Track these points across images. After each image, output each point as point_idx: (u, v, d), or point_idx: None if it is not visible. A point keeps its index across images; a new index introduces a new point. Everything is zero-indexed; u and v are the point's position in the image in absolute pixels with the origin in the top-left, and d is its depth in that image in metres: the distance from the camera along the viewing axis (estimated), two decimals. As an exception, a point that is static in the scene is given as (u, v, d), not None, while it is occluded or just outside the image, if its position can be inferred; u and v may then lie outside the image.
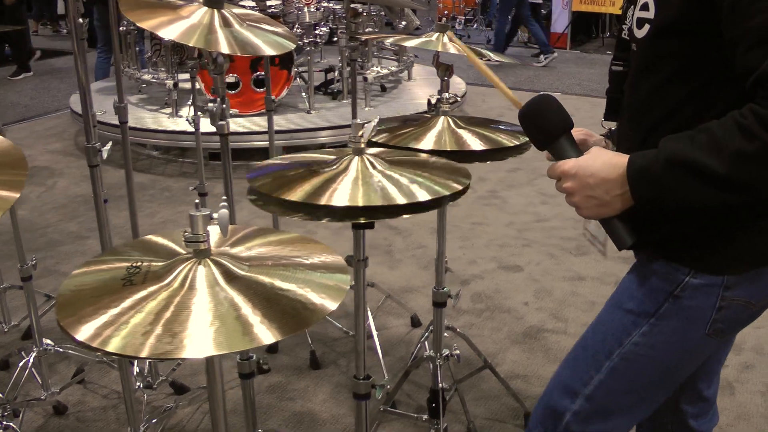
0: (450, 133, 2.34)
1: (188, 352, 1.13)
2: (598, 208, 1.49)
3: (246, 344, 1.16)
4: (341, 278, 1.39)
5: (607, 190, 1.46)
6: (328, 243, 4.71)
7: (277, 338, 1.16)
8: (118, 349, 1.13)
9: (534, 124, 1.59)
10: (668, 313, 1.60)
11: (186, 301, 1.25)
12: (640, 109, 1.60)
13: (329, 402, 3.18)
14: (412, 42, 2.57)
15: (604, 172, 1.46)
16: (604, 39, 13.39)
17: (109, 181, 5.50)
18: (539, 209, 5.41)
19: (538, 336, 3.70)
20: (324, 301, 1.30)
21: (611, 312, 1.72)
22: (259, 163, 1.88)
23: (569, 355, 1.79)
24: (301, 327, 1.21)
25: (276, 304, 1.27)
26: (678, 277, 1.57)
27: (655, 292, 1.61)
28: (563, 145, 1.55)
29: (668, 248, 1.59)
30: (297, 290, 1.32)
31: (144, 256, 1.40)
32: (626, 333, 1.64)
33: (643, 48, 1.56)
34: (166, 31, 2.04)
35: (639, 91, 1.59)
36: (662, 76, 1.52)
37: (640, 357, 1.64)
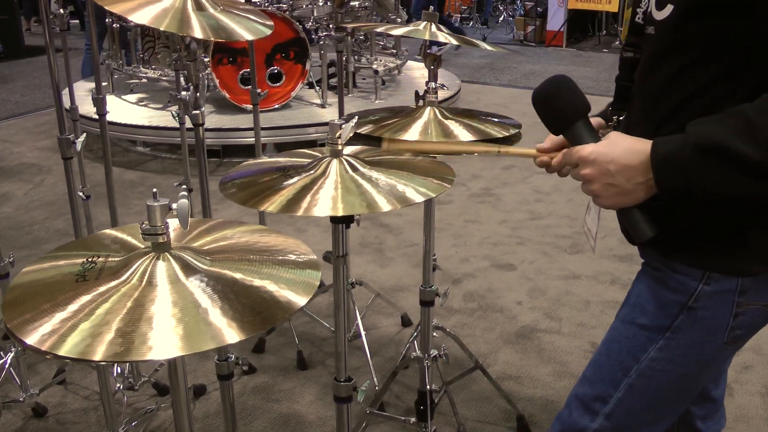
0: (436, 124, 2.25)
1: (145, 354, 1.05)
2: (618, 196, 1.39)
3: (207, 344, 1.07)
4: (311, 273, 1.30)
5: (628, 177, 1.37)
6: (317, 241, 4.69)
7: (241, 337, 1.07)
8: (71, 352, 1.05)
9: (549, 106, 1.50)
10: (684, 325, 1.53)
11: (143, 299, 1.16)
12: (656, 96, 1.50)
13: (316, 404, 3.10)
14: (399, 30, 2.48)
15: (625, 158, 1.36)
16: (600, 37, 13.33)
17: (98, 178, 5.42)
18: (533, 207, 5.34)
19: (531, 336, 3.63)
20: (291, 296, 1.21)
21: (624, 328, 1.64)
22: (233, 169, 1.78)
23: (585, 372, 1.72)
24: (267, 324, 1.12)
25: (240, 300, 1.18)
26: (690, 287, 1.50)
27: (668, 305, 1.54)
28: (581, 129, 1.46)
29: (679, 248, 1.51)
30: (263, 285, 1.24)
31: (101, 250, 1.32)
32: (642, 349, 1.58)
33: (665, 30, 1.45)
34: (138, 16, 1.95)
35: (656, 76, 1.49)
36: (685, 60, 1.42)
37: (659, 373, 1.58)
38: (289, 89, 6.54)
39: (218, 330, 1.10)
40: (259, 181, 1.68)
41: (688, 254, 1.50)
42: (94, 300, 1.16)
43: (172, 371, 1.26)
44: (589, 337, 3.61)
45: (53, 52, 2.39)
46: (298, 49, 6.39)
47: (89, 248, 1.34)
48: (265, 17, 2.27)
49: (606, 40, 13.12)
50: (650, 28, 1.51)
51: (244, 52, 6.13)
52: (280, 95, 6.52)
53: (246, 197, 1.59)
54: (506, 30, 14.36)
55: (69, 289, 1.19)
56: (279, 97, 6.50)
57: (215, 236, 1.41)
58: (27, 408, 3.03)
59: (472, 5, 15.17)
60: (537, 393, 3.18)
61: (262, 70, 6.36)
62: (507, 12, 15.36)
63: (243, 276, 1.25)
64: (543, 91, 1.50)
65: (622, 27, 12.64)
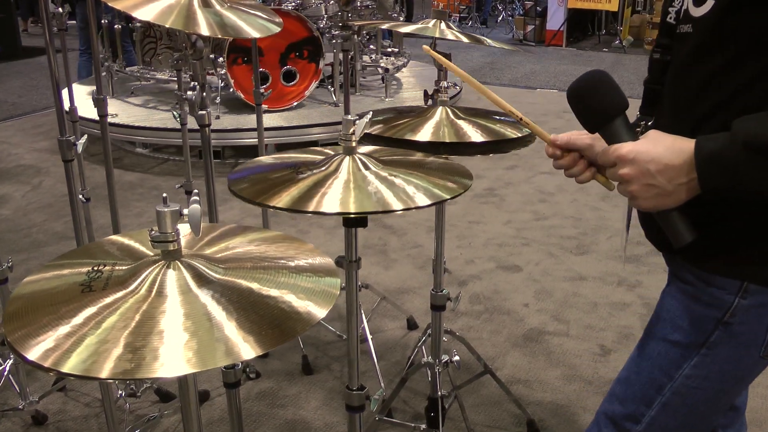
0: (449, 124, 2.19)
1: (155, 372, 0.98)
2: (658, 198, 1.32)
3: (221, 360, 1.00)
4: (330, 282, 1.23)
5: (669, 177, 1.29)
6: (321, 242, 4.63)
7: (258, 352, 1.00)
8: (75, 369, 0.98)
9: (586, 103, 1.42)
10: (719, 341, 1.46)
11: (153, 311, 1.09)
12: (692, 97, 1.42)
13: (322, 409, 3.04)
14: (408, 28, 2.41)
15: (666, 157, 1.29)
16: (600, 36, 13.30)
17: (97, 180, 5.37)
18: (538, 207, 5.29)
19: (539, 339, 3.57)
20: (311, 307, 1.14)
21: (655, 344, 1.58)
22: (240, 165, 1.71)
23: (614, 389, 1.67)
24: (286, 338, 1.05)
25: (257, 312, 1.11)
26: (726, 301, 1.43)
27: (702, 320, 1.48)
28: (619, 126, 1.38)
29: (714, 257, 1.44)
30: (280, 296, 1.17)
31: (107, 258, 1.24)
32: (675, 366, 1.52)
33: (705, 27, 1.38)
34: (141, 12, 1.89)
35: (692, 76, 1.42)
36: (727, 56, 1.35)
37: (694, 390, 1.52)
38: (303, 88, 6.55)
39: (234, 344, 1.03)
40: (269, 177, 1.62)
41: (724, 263, 1.43)
42: (101, 312, 1.09)
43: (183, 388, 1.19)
44: (598, 339, 3.55)
45: (53, 52, 2.33)
46: (311, 48, 6.41)
47: (94, 256, 1.28)
48: (273, 14, 2.20)
49: (606, 40, 13.09)
50: (686, 26, 1.44)
51: (259, 51, 6.09)
52: (295, 94, 6.53)
53: (255, 193, 1.53)
54: (506, 29, 14.33)
55: (74, 300, 1.12)
56: (293, 96, 6.51)
57: (228, 243, 1.34)
58: (27, 416, 2.96)
59: (471, 5, 15.14)
60: (546, 397, 3.12)
61: (276, 70, 6.38)
62: (506, 12, 15.33)
63: (259, 286, 1.18)
64: (579, 87, 1.42)
65: (622, 26, 12.62)
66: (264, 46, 6.14)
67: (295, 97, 6.50)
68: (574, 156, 1.53)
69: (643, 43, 12.49)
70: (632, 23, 13.11)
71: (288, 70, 6.40)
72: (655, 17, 12.19)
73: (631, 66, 10.87)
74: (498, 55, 11.83)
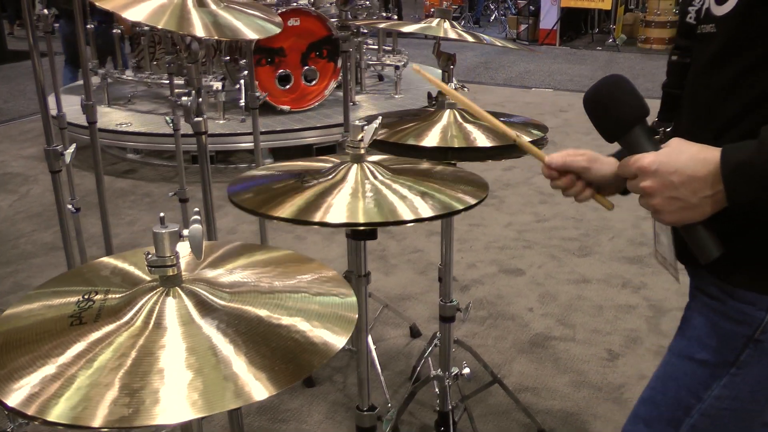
0: (457, 128, 2.09)
1: (155, 418, 0.87)
2: (682, 211, 1.23)
3: (230, 402, 0.89)
4: (346, 304, 1.11)
5: (694, 190, 1.20)
6: (319, 248, 4.51)
7: (271, 392, 0.89)
8: (64, 416, 0.86)
9: (604, 111, 1.34)
10: (750, 359, 1.38)
11: (151, 345, 0.97)
12: (716, 100, 1.34)
13: (325, 423, 2.93)
14: (410, 27, 2.30)
15: (690, 168, 1.20)
16: (593, 35, 13.24)
17: (88, 187, 5.25)
18: (538, 209, 5.20)
19: (545, 344, 3.47)
20: (327, 336, 1.02)
21: (682, 364, 1.49)
22: (241, 175, 1.60)
23: (638, 410, 1.59)
24: (301, 374, 0.94)
25: (267, 344, 0.99)
26: (756, 318, 1.34)
27: (731, 338, 1.39)
28: (639, 135, 1.30)
29: (742, 272, 1.35)
30: (292, 324, 1.05)
31: (99, 284, 1.12)
32: (704, 386, 1.43)
33: (730, 26, 1.30)
34: (131, 12, 1.77)
35: (716, 78, 1.34)
36: (754, 57, 1.26)
37: (724, 411, 1.44)
38: (323, 87, 6.50)
39: (244, 384, 0.91)
40: (273, 186, 1.51)
41: (752, 278, 1.34)
42: (92, 348, 0.97)
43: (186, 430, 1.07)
44: (605, 344, 3.46)
45: (38, 56, 2.21)
46: (330, 47, 6.37)
47: (85, 282, 1.15)
48: (272, 14, 2.09)
49: (599, 38, 13.04)
50: (708, 26, 1.35)
51: (281, 51, 6.15)
52: (315, 94, 6.48)
53: (258, 203, 1.42)
54: (498, 29, 14.27)
55: (61, 334, 1.00)
56: (314, 96, 6.47)
57: (231, 264, 1.22)
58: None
59: (464, 4, 15.07)
60: (556, 405, 3.02)
61: (298, 70, 6.33)
62: (499, 11, 15.27)
63: (268, 313, 1.06)
64: (596, 93, 1.33)
65: (615, 25, 12.56)
66: (287, 46, 6.14)
67: (315, 96, 6.47)
68: (570, 177, 1.46)
69: (637, 42, 12.44)
70: (625, 21, 13.06)
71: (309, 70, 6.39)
72: (648, 15, 12.13)
73: (625, 64, 10.81)
74: (492, 54, 11.76)
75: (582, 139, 6.59)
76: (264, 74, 6.14)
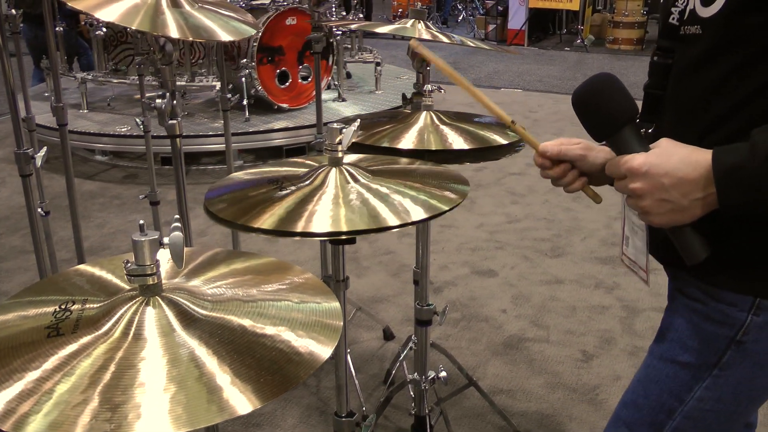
0: (433, 130, 2.07)
1: (136, 433, 0.83)
2: (672, 214, 1.22)
3: (215, 416, 0.86)
4: (329, 311, 1.09)
5: (685, 192, 1.19)
6: (290, 251, 4.47)
7: (256, 406, 0.87)
8: (41, 432, 0.83)
9: (594, 110, 1.32)
10: (733, 361, 1.37)
11: (131, 357, 0.94)
12: (699, 103, 1.33)
13: (299, 427, 2.91)
14: (385, 28, 2.28)
15: (682, 170, 1.19)
16: (561, 36, 13.31)
17: (56, 190, 5.18)
18: (510, 209, 5.20)
19: (519, 346, 3.47)
20: (313, 346, 1.00)
21: (663, 367, 1.48)
22: (218, 182, 1.57)
23: (620, 413, 1.58)
24: (287, 386, 0.91)
25: (251, 355, 0.96)
26: (738, 319, 1.34)
27: (713, 339, 1.38)
28: (629, 135, 1.28)
29: (725, 273, 1.34)
30: (277, 334, 1.02)
31: (76, 294, 1.09)
32: (686, 389, 1.43)
33: (715, 28, 1.29)
34: (104, 13, 1.73)
35: (700, 80, 1.33)
36: (740, 59, 1.26)
37: (707, 413, 1.43)
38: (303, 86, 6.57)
39: (229, 397, 0.89)
40: (249, 194, 1.48)
41: (735, 279, 1.34)
42: (70, 361, 0.94)
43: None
44: (579, 344, 3.47)
45: (7, 57, 2.16)
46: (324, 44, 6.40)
47: (62, 290, 1.12)
48: (245, 15, 2.07)
49: (567, 39, 13.11)
50: (693, 27, 1.34)
51: (281, 50, 6.23)
52: (310, 91, 6.54)
53: (236, 213, 1.39)
54: (467, 29, 14.29)
55: (38, 346, 0.96)
56: (309, 94, 6.53)
57: (212, 272, 1.19)
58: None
59: (432, 4, 15.07)
60: (531, 407, 3.02)
61: (295, 68, 6.41)
62: (467, 11, 15.30)
63: (252, 323, 1.04)
64: (585, 92, 1.32)
65: (584, 25, 12.63)
66: (285, 45, 6.21)
67: (311, 94, 6.54)
68: (564, 167, 1.46)
69: (605, 42, 12.52)
70: (593, 22, 13.15)
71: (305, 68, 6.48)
72: (616, 16, 12.22)
73: (594, 65, 10.87)
74: (461, 54, 11.77)
75: (551, 140, 6.60)
76: (265, 73, 6.19)
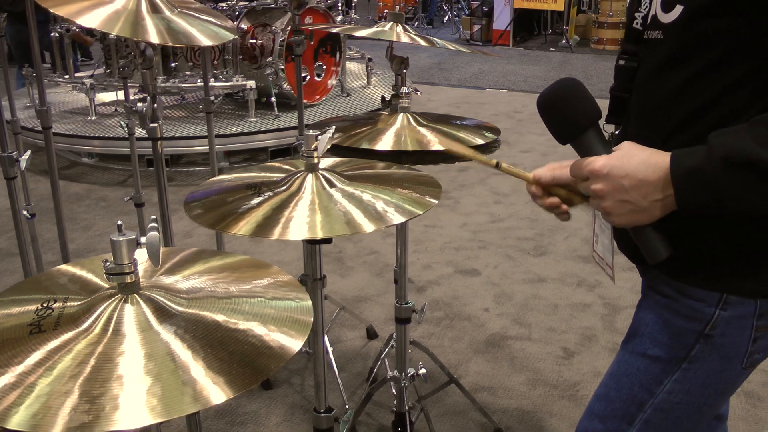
0: (410, 132, 2.12)
1: (115, 423, 0.88)
2: (632, 214, 1.26)
3: (189, 407, 0.91)
4: (301, 307, 1.13)
5: (644, 194, 1.23)
6: (274, 252, 4.50)
7: (229, 395, 0.92)
8: (24, 425, 0.87)
9: (558, 113, 1.35)
10: (701, 354, 1.42)
11: (110, 352, 0.98)
12: (664, 105, 1.37)
13: (283, 425, 2.95)
14: (363, 32, 2.32)
15: (641, 172, 1.23)
16: (546, 36, 13.37)
17: (41, 192, 5.19)
18: (493, 209, 5.25)
19: (501, 344, 3.51)
20: (284, 340, 1.05)
21: (635, 360, 1.53)
22: (195, 188, 1.61)
23: (593, 407, 1.62)
24: (258, 378, 0.96)
25: (224, 349, 1.01)
26: (706, 314, 1.38)
27: (682, 334, 1.43)
28: (592, 138, 1.32)
29: (693, 270, 1.39)
30: (249, 329, 1.07)
31: (58, 292, 1.13)
32: (657, 382, 1.47)
33: (675, 33, 1.33)
34: (86, 19, 1.77)
35: (663, 84, 1.37)
36: (701, 64, 1.29)
37: (676, 405, 1.48)
38: (326, 81, 6.81)
39: (202, 388, 0.94)
40: (227, 200, 1.52)
41: (703, 277, 1.38)
42: (51, 356, 0.98)
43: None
44: (560, 342, 3.51)
45: None
46: (332, 42, 6.68)
47: (45, 289, 1.16)
48: (224, 20, 2.11)
49: (552, 39, 13.17)
50: (655, 32, 1.38)
51: None
52: (322, 87, 6.77)
53: (216, 219, 1.43)
54: (452, 30, 14.34)
55: (21, 343, 1.01)
56: (321, 90, 6.76)
57: (189, 270, 1.24)
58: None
59: (417, 5, 15.12)
60: (512, 404, 3.06)
61: (311, 65, 6.65)
62: (452, 12, 15.35)
63: (226, 318, 1.08)
64: (549, 96, 1.35)
65: (568, 26, 12.71)
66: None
67: (323, 90, 6.78)
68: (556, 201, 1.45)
69: (590, 42, 12.59)
70: (578, 23, 13.22)
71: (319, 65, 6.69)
72: (600, 16, 12.29)
73: (579, 65, 10.94)
74: (446, 55, 11.82)
75: (536, 140, 6.66)
76: (289, 70, 6.37)
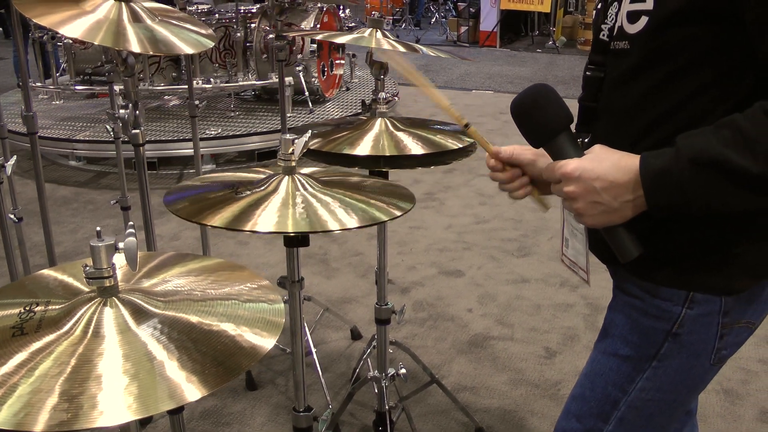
0: (388, 137, 2.16)
1: (94, 421, 0.92)
2: (604, 215, 1.30)
3: (164, 404, 0.95)
4: (274, 309, 1.18)
5: (615, 195, 1.28)
6: (260, 253, 4.53)
7: (203, 393, 0.96)
8: (6, 423, 0.91)
9: (530, 118, 1.39)
10: (670, 352, 1.47)
11: (90, 353, 1.03)
12: (631, 111, 1.42)
13: (268, 425, 2.98)
14: (343, 38, 2.37)
15: (612, 174, 1.27)
16: (533, 37, 13.44)
17: (29, 195, 5.20)
18: (478, 210, 5.29)
19: (484, 344, 3.56)
20: (256, 340, 1.10)
21: (607, 360, 1.58)
22: (177, 185, 1.66)
23: (569, 406, 1.67)
24: (231, 376, 1.00)
25: (199, 349, 1.06)
26: (673, 313, 1.43)
27: (651, 333, 1.48)
28: (564, 142, 1.36)
29: (660, 269, 1.43)
30: (223, 330, 1.12)
31: (40, 296, 1.18)
32: (628, 380, 1.52)
33: (641, 43, 1.37)
34: (69, 29, 1.81)
35: (630, 91, 1.42)
36: (666, 71, 1.34)
37: (648, 402, 1.53)
38: (335, 76, 7.20)
39: (176, 386, 0.98)
40: (208, 196, 1.58)
41: (670, 275, 1.42)
42: (33, 358, 1.02)
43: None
44: (543, 342, 3.56)
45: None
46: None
47: (28, 293, 1.21)
48: (204, 27, 2.15)
49: (539, 40, 13.23)
50: (621, 43, 1.43)
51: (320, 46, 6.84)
52: (334, 81, 7.20)
53: (194, 212, 1.49)
54: (439, 31, 14.40)
55: (4, 345, 1.05)
56: (334, 84, 7.16)
57: (166, 273, 1.29)
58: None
59: (405, 6, 15.16)
60: (494, 403, 3.11)
61: (327, 61, 7.10)
62: (439, 13, 15.40)
63: (200, 320, 1.13)
64: (523, 101, 1.40)
65: (555, 27, 12.77)
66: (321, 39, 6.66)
67: (335, 84, 7.17)
68: (514, 171, 1.52)
69: (576, 44, 12.68)
70: (565, 24, 13.29)
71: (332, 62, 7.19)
72: (587, 18, 12.37)
73: (565, 66, 11.00)
74: (432, 57, 11.83)
75: (521, 142, 6.59)
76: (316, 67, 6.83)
